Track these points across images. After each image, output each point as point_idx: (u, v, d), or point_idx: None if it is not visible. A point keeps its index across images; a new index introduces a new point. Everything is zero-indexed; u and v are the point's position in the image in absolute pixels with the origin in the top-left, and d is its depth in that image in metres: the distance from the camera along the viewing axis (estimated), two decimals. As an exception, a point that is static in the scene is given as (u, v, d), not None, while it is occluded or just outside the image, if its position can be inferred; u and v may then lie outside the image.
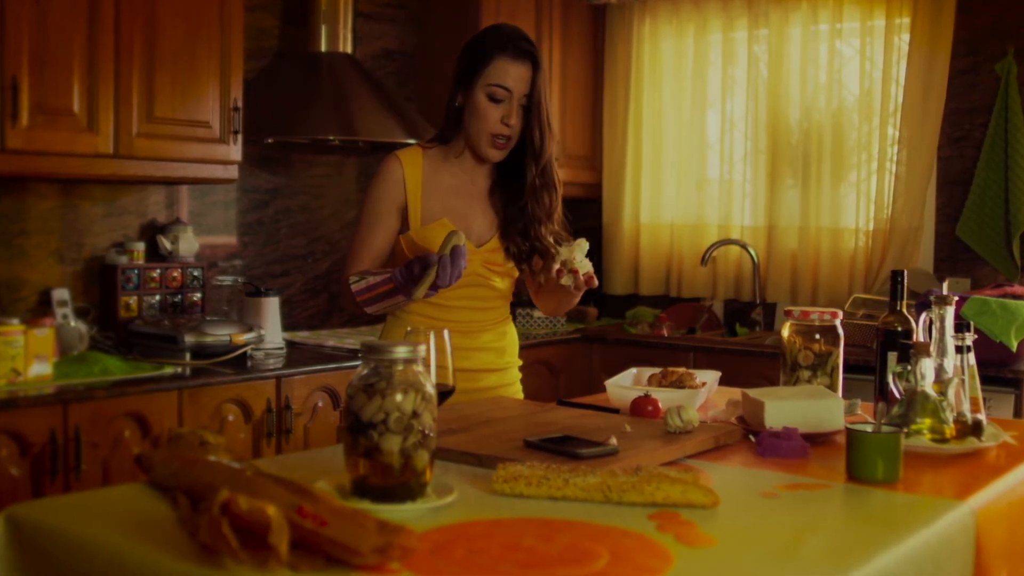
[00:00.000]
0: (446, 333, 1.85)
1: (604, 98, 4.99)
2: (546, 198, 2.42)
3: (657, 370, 2.51)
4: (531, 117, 2.35)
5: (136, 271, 3.59)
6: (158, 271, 3.65)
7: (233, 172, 3.61)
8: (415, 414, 1.50)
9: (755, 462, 1.90)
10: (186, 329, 3.32)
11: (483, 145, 2.37)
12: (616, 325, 4.72)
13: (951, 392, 2.04)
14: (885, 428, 1.81)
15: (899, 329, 2.26)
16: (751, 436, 2.05)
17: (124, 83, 3.25)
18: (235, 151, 3.56)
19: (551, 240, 2.43)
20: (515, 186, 2.43)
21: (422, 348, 1.56)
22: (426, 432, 1.51)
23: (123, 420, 2.99)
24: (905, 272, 2.33)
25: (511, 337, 2.58)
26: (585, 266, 2.26)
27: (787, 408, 2.04)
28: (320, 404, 3.47)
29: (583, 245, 2.27)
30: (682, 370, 2.49)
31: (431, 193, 2.40)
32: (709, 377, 2.52)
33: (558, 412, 2.22)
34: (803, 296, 4.51)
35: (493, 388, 2.51)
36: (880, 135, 4.32)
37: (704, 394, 2.42)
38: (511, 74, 2.32)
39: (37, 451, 2.81)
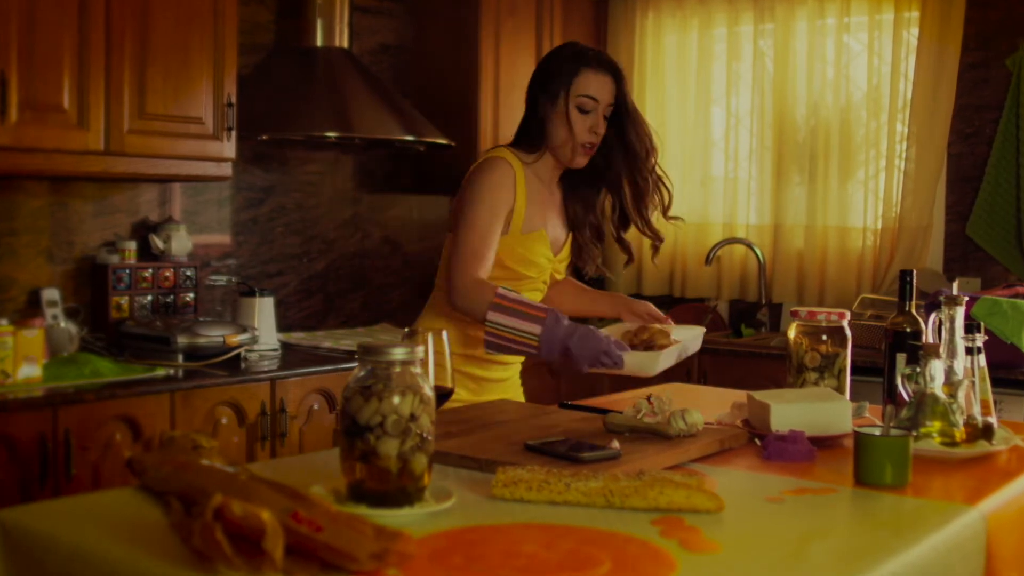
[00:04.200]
0: (444, 334, 1.86)
1: (607, 95, 4.94)
2: (659, 193, 2.55)
3: (635, 326, 2.48)
4: (627, 123, 2.48)
5: (128, 271, 3.56)
6: (150, 271, 3.62)
7: (227, 169, 3.57)
8: (413, 417, 1.49)
9: (761, 466, 1.90)
10: (179, 330, 3.29)
11: (572, 153, 2.48)
12: (619, 326, 4.67)
13: (961, 394, 2.03)
14: (894, 431, 1.81)
15: (908, 330, 2.24)
16: (757, 439, 2.04)
17: (115, 78, 3.22)
18: (229, 148, 3.52)
19: (650, 232, 2.59)
20: (590, 197, 2.59)
21: (420, 350, 1.55)
22: (424, 435, 1.50)
23: (114, 423, 2.96)
24: (914, 272, 2.31)
25: None
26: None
27: (793, 411, 2.02)
28: (315, 407, 3.44)
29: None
30: (656, 327, 2.44)
31: (531, 202, 2.49)
32: (688, 334, 2.47)
33: (559, 415, 2.22)
34: (810, 296, 4.48)
35: (511, 378, 2.64)
36: (889, 131, 4.30)
37: (675, 354, 2.36)
38: (597, 85, 2.45)
39: (26, 455, 2.78)
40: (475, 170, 2.47)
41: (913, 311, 2.26)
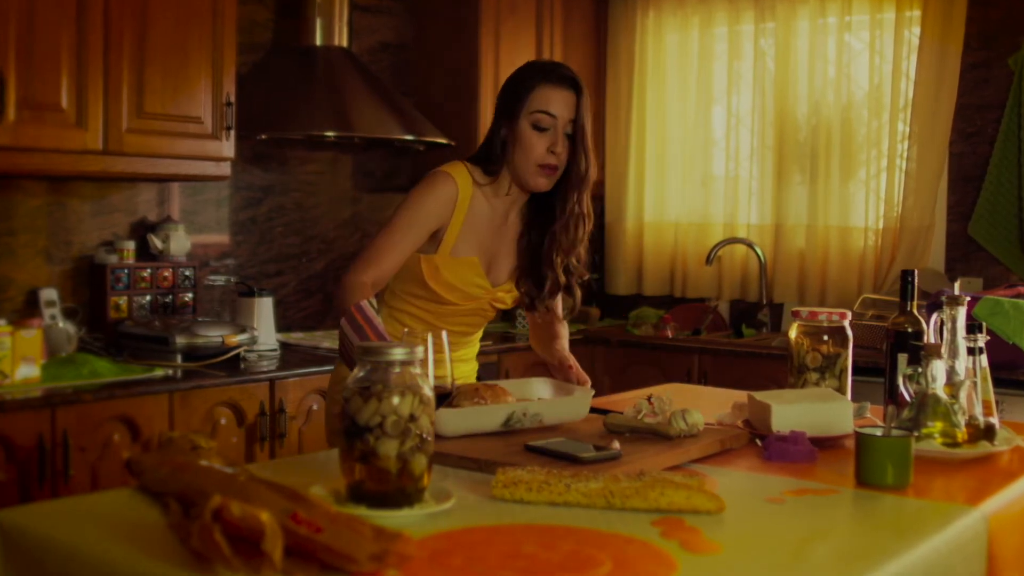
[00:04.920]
0: (444, 335, 1.84)
1: (607, 93, 4.95)
2: (577, 228, 2.40)
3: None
4: (576, 144, 2.33)
5: (126, 271, 3.55)
6: (148, 271, 3.61)
7: (225, 169, 3.56)
8: (412, 417, 1.49)
9: (761, 467, 1.89)
10: (177, 330, 3.28)
11: (531, 176, 2.33)
12: (619, 326, 4.67)
13: (963, 395, 2.02)
14: (895, 432, 1.80)
15: (909, 330, 2.23)
16: (758, 440, 2.03)
17: (114, 78, 3.21)
18: (228, 147, 3.51)
19: (562, 279, 2.43)
20: (547, 226, 2.42)
21: (420, 350, 1.53)
22: (424, 436, 1.50)
23: (112, 424, 2.95)
24: (916, 272, 2.30)
25: (477, 340, 2.63)
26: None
27: (794, 411, 2.01)
28: (315, 407, 3.43)
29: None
30: (471, 386, 2.11)
31: (470, 225, 2.37)
32: (547, 402, 2.15)
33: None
34: (811, 296, 4.47)
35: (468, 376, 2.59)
36: (890, 131, 4.29)
37: (470, 418, 1.98)
38: (554, 100, 2.31)
39: (24, 456, 2.77)
40: (422, 179, 2.38)
41: (915, 311, 2.25)
